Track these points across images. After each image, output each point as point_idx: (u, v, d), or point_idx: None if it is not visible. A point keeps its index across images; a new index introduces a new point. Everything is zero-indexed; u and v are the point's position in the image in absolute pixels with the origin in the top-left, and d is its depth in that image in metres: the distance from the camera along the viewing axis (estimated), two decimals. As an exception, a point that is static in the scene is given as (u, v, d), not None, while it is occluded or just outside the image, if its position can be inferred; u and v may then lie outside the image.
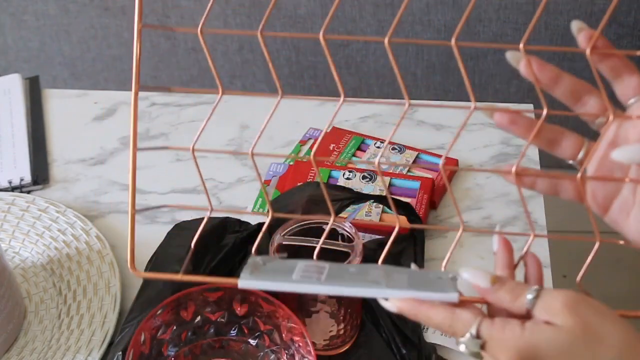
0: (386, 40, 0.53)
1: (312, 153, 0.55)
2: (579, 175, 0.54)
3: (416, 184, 0.93)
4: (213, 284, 0.78)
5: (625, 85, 0.55)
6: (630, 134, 0.55)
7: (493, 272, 0.53)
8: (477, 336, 0.51)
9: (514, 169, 0.55)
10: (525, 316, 0.51)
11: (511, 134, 0.56)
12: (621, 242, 0.56)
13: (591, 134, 0.57)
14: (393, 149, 1.00)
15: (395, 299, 0.53)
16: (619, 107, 0.56)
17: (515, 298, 0.51)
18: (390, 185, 0.95)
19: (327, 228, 0.57)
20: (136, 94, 0.54)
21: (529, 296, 0.51)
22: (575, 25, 0.54)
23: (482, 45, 0.54)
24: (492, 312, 0.54)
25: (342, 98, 0.55)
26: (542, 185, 0.58)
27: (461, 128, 0.53)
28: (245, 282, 0.54)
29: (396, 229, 0.56)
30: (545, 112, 0.54)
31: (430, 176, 0.96)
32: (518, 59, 0.55)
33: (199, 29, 0.52)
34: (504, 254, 0.56)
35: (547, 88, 0.55)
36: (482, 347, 0.51)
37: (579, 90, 0.56)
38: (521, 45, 0.52)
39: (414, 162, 0.99)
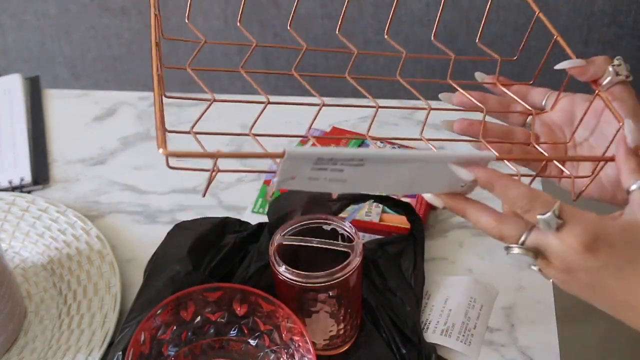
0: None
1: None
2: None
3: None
4: (213, 283, 0.78)
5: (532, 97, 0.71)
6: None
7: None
8: (559, 216, 0.51)
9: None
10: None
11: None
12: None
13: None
14: (393, 148, 1.00)
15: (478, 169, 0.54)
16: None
17: (636, 172, 0.55)
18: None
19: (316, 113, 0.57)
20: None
21: (636, 184, 0.54)
22: (479, 77, 0.71)
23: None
24: None
25: (322, 104, 0.61)
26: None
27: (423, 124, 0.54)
28: (293, 151, 0.53)
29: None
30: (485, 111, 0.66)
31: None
32: (448, 98, 0.70)
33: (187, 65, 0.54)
34: None
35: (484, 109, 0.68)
36: (559, 228, 0.52)
37: (507, 103, 0.71)
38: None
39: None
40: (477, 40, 0.69)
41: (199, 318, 0.77)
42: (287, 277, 0.73)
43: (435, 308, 0.83)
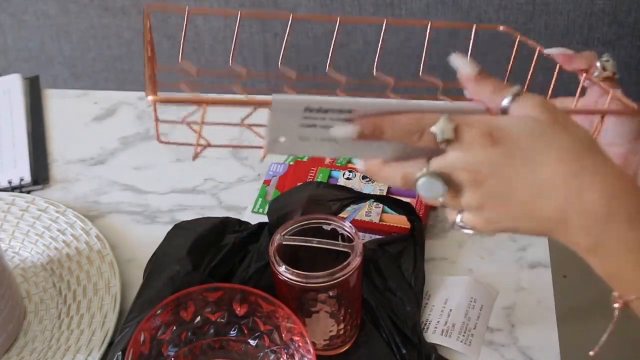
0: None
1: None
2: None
3: (416, 184, 0.93)
4: (213, 283, 0.78)
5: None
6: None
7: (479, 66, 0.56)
8: (449, 123, 0.51)
9: None
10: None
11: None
12: None
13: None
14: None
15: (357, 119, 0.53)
16: None
17: (496, 93, 0.54)
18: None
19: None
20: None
21: (508, 97, 0.53)
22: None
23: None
24: None
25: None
26: None
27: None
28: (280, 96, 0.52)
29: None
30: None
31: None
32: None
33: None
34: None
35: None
36: (455, 130, 0.51)
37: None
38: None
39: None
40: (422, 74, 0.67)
41: (199, 318, 0.77)
42: (287, 277, 0.73)
43: (435, 308, 0.83)
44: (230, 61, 0.60)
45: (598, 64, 0.64)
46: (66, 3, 1.65)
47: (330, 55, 0.60)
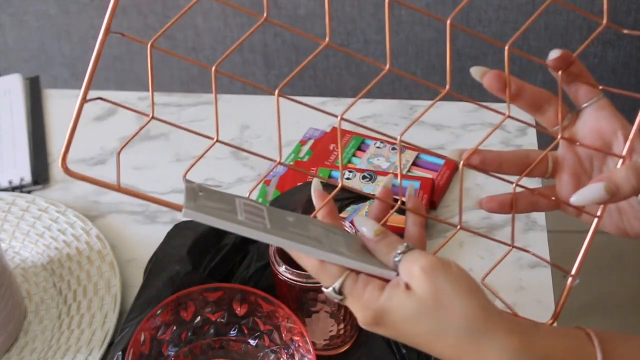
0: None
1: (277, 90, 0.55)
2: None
3: (416, 184, 0.93)
4: (213, 283, 0.78)
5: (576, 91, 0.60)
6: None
7: (381, 227, 0.56)
8: (340, 292, 0.54)
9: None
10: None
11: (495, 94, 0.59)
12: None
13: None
14: (393, 148, 1.00)
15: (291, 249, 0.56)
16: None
17: (388, 253, 0.55)
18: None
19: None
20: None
21: (397, 255, 0.54)
22: (476, 73, 0.59)
23: (479, 36, 0.54)
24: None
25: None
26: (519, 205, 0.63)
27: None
28: (190, 212, 0.52)
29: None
30: (507, 114, 0.57)
31: (430, 176, 0.96)
32: (482, 73, 0.58)
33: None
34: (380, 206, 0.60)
35: (511, 99, 0.58)
36: (342, 301, 0.55)
37: (539, 100, 0.60)
38: (506, 47, 0.54)
39: (414, 162, 0.99)
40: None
41: (199, 318, 0.77)
42: (287, 277, 0.73)
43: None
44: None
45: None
46: (66, 3, 1.65)
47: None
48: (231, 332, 0.78)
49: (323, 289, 0.56)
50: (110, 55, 1.72)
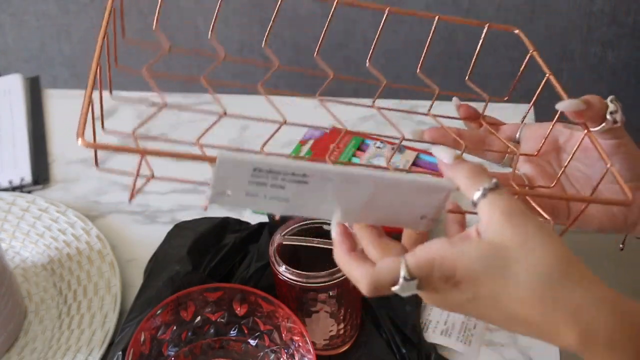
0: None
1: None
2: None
3: (416, 184, 0.93)
4: (213, 283, 0.78)
5: (504, 132, 0.67)
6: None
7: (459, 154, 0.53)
8: (411, 276, 0.48)
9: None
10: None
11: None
12: None
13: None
14: (393, 149, 1.00)
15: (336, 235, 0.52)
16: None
17: (472, 182, 0.50)
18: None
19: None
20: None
21: (478, 193, 0.50)
22: (455, 102, 0.68)
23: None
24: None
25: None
26: None
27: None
28: (226, 154, 0.49)
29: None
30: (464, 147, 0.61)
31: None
32: (419, 135, 0.67)
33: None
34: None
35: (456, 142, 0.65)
36: (419, 287, 0.49)
37: (482, 138, 0.67)
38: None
39: (414, 162, 0.99)
40: (466, 78, 0.67)
41: (199, 318, 0.77)
42: (287, 277, 0.73)
43: (435, 308, 0.83)
44: (210, 34, 0.59)
45: (609, 117, 0.60)
46: (66, 3, 1.65)
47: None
48: (231, 332, 0.78)
49: (393, 289, 0.49)
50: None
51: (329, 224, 0.76)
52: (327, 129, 0.72)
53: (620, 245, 0.58)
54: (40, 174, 1.02)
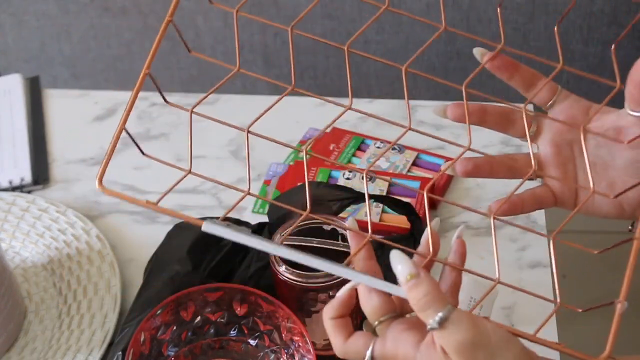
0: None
1: (305, 148, 0.55)
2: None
3: (416, 184, 0.93)
4: (213, 283, 0.78)
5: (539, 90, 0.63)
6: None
7: (415, 269, 0.52)
8: None
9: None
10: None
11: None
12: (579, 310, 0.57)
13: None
14: (393, 149, 1.00)
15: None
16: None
17: (423, 309, 0.50)
18: (390, 185, 0.95)
19: (300, 220, 0.57)
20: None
21: (433, 321, 0.49)
22: (478, 52, 0.65)
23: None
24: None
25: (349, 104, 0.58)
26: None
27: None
28: (210, 226, 0.55)
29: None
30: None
31: (430, 176, 0.96)
32: (483, 54, 0.64)
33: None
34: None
35: (508, 78, 0.64)
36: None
37: (531, 78, 0.64)
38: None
39: (413, 162, 0.99)
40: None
41: (199, 318, 0.77)
42: (287, 277, 0.73)
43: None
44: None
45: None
46: (66, 3, 1.65)
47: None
48: (231, 332, 0.78)
49: None
50: (110, 55, 1.72)
51: (329, 224, 0.77)
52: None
53: (629, 227, 0.58)
54: (40, 174, 1.02)
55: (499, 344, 0.50)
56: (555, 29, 0.62)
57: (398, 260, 0.52)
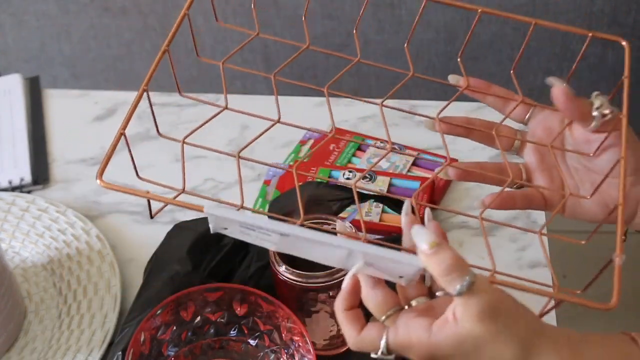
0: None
1: (295, 166, 0.55)
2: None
3: (416, 184, 0.93)
4: (213, 283, 0.78)
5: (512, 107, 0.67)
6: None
7: (437, 237, 0.53)
8: (388, 351, 0.53)
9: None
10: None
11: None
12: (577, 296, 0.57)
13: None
14: (393, 149, 0.99)
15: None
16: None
17: (447, 273, 0.51)
18: (390, 185, 0.95)
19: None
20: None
21: (461, 286, 0.50)
22: (454, 79, 0.70)
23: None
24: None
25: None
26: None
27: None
28: (212, 208, 0.54)
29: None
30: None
31: (430, 176, 0.96)
32: (457, 80, 0.70)
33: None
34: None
35: (482, 99, 0.69)
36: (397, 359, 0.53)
37: (492, 125, 0.68)
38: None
39: (414, 162, 0.99)
40: (511, 71, 0.67)
41: (199, 318, 0.77)
42: (287, 277, 0.73)
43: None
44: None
45: (596, 113, 0.61)
46: (66, 3, 1.65)
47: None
48: (231, 332, 0.78)
49: (373, 355, 0.54)
50: (110, 55, 1.72)
51: (328, 225, 0.77)
52: (325, 131, 0.72)
53: (622, 237, 0.59)
54: (40, 174, 1.02)
55: (519, 310, 0.52)
56: (512, 72, 0.66)
57: (417, 231, 0.53)
